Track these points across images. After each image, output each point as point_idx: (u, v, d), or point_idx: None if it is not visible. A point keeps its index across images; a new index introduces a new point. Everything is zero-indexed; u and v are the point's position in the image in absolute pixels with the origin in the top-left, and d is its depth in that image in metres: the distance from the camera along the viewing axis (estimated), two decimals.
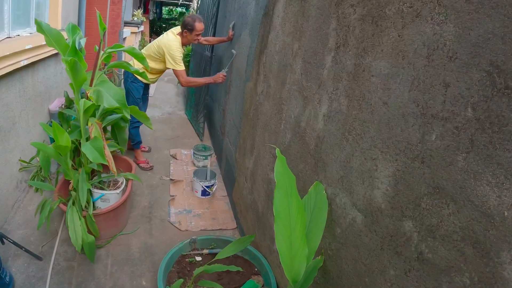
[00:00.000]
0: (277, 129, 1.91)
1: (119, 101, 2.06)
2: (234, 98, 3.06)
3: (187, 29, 3.13)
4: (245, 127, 2.61)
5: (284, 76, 1.85)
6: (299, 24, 1.70)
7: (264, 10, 2.26)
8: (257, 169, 2.25)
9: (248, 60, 2.60)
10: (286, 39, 1.85)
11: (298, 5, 1.72)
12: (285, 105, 1.80)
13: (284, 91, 1.82)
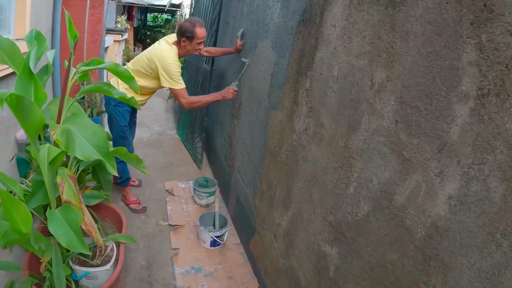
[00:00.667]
0: (339, 191, 1.32)
1: (100, 148, 1.40)
2: (248, 127, 2.42)
3: (186, 36, 2.44)
4: (271, 170, 1.99)
5: (353, 116, 1.25)
6: (384, 41, 1.10)
7: (301, 16, 1.66)
8: (297, 231, 1.65)
9: (274, 81, 1.98)
10: (355, 62, 1.25)
11: (381, 12, 1.12)
12: (357, 160, 1.22)
13: (355, 140, 1.23)
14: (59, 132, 1.40)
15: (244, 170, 2.50)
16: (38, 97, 1.41)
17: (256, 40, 2.34)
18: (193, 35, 2.43)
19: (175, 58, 2.46)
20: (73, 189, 1.53)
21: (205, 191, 2.90)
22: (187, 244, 2.50)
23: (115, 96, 1.65)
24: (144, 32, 11.95)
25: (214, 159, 3.57)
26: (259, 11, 2.28)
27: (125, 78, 1.67)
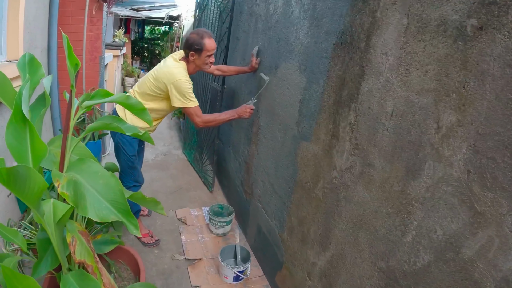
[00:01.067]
0: (393, 238, 1.18)
1: (117, 204, 1.17)
2: (271, 155, 2.23)
3: (194, 49, 2.20)
4: (303, 205, 1.81)
5: (413, 160, 1.09)
6: (454, 80, 0.96)
7: (337, 38, 1.48)
8: (339, 273, 1.48)
9: (304, 109, 1.79)
10: (415, 99, 1.08)
11: (449, 45, 0.96)
12: (417, 208, 1.07)
13: (416, 186, 1.08)
14: (65, 184, 1.20)
15: (266, 200, 2.31)
16: (35, 150, 1.19)
17: (276, 59, 2.15)
18: (202, 47, 2.19)
19: (184, 73, 2.23)
20: (87, 246, 1.32)
21: (222, 220, 2.70)
22: (208, 280, 2.31)
23: (127, 133, 1.44)
24: (141, 45, 11.73)
25: (227, 183, 3.38)
26: (280, 28, 2.09)
27: (137, 111, 1.48)
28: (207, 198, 3.40)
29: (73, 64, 1.31)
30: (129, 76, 7.21)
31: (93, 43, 4.04)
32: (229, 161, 3.28)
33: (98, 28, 4.02)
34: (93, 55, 4.06)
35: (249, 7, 2.75)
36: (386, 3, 1.20)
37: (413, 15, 1.10)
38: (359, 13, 1.33)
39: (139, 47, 11.65)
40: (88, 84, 3.91)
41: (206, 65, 2.30)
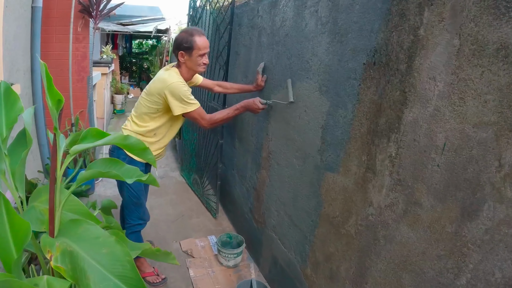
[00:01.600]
0: (445, 280, 1.07)
1: (127, 279, 0.98)
2: (287, 184, 2.07)
3: (184, 49, 2.00)
4: (330, 241, 1.66)
5: (470, 200, 0.99)
6: (503, 107, 0.88)
7: (369, 57, 1.33)
8: None
9: (327, 136, 1.64)
10: (472, 132, 0.96)
11: (511, 73, 0.84)
12: (474, 251, 0.98)
13: (472, 228, 0.98)
14: (59, 256, 1.01)
15: (283, 231, 2.15)
16: (15, 232, 1.00)
17: (288, 78, 2.00)
18: (192, 45, 1.99)
19: (177, 77, 2.04)
20: None
21: (233, 252, 2.53)
22: None
23: (127, 180, 1.23)
24: (129, 60, 11.56)
25: (232, 208, 3.21)
26: (291, 42, 1.94)
27: (139, 151, 1.29)
28: (211, 225, 3.22)
29: (54, 100, 1.10)
30: (118, 94, 7.02)
31: (80, 62, 3.86)
32: (234, 186, 3.11)
33: (84, 46, 3.84)
34: (80, 75, 3.87)
35: (249, 19, 2.60)
36: (431, 20, 1.06)
37: (466, 35, 0.97)
38: (395, 29, 1.19)
39: (127, 62, 11.46)
40: (76, 107, 3.72)
41: (200, 67, 2.08)
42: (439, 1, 1.03)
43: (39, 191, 1.38)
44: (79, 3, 3.51)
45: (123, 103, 7.16)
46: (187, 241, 2.88)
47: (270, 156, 2.30)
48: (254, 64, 2.53)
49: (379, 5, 1.26)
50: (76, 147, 1.20)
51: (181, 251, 2.77)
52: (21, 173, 1.29)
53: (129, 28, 7.37)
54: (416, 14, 1.11)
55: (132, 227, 2.26)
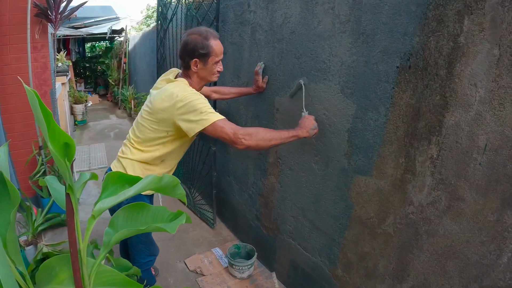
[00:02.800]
0: (488, 262, 1.28)
1: None
2: (307, 190, 2.13)
3: (199, 55, 1.76)
4: (364, 241, 1.79)
5: (508, 192, 1.19)
6: None
7: (402, 61, 1.44)
8: None
9: (355, 140, 1.74)
10: (510, 133, 1.16)
11: None
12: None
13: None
14: None
15: (303, 236, 2.25)
16: None
17: (297, 78, 2.05)
18: (209, 51, 1.76)
19: (189, 88, 1.78)
20: None
21: (247, 264, 2.60)
22: None
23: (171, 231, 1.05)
24: (83, 65, 11.09)
25: (231, 216, 3.27)
26: (300, 41, 1.99)
27: (171, 188, 1.13)
28: (211, 236, 3.26)
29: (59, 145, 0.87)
30: (78, 103, 6.75)
31: (41, 74, 3.65)
32: (232, 193, 3.17)
33: (44, 55, 3.63)
34: (42, 89, 3.67)
35: (237, 15, 2.62)
36: (472, 29, 1.19)
37: (506, 46, 1.12)
38: (433, 34, 1.31)
39: (81, 67, 10.99)
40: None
41: (214, 76, 1.87)
42: (479, 11, 1.16)
43: (49, 266, 1.08)
44: (35, 6, 3.24)
45: (83, 113, 6.89)
46: (192, 258, 2.89)
47: (280, 162, 2.38)
48: (248, 64, 2.56)
49: (413, 8, 1.36)
50: (100, 206, 1.01)
51: (189, 270, 2.78)
52: (14, 240, 0.99)
53: (82, 31, 7.09)
54: (456, 22, 1.23)
55: (142, 265, 2.08)
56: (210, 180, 3.19)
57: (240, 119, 2.79)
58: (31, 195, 3.33)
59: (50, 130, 0.84)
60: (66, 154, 0.89)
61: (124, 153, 1.90)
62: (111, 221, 1.16)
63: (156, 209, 1.20)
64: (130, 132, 1.95)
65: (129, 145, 1.91)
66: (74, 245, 0.97)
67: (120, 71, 8.39)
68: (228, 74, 2.87)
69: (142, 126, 1.85)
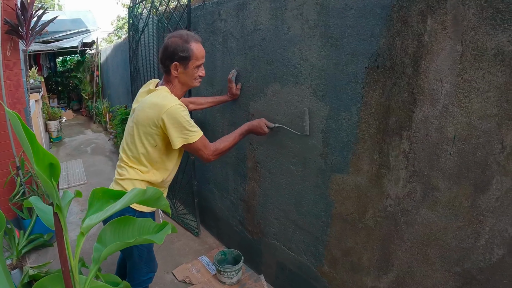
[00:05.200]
0: (467, 245, 1.34)
1: None
2: (287, 191, 2.16)
3: (179, 59, 1.70)
4: (347, 237, 1.82)
5: (481, 178, 1.25)
6: (501, 102, 1.14)
7: (370, 61, 1.49)
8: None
9: (330, 139, 1.77)
10: (478, 124, 1.21)
11: (508, 74, 1.11)
12: (489, 216, 1.26)
13: (485, 199, 1.25)
14: None
15: (288, 237, 2.27)
16: None
17: (271, 84, 2.09)
18: (189, 54, 1.69)
19: (174, 98, 1.71)
20: None
21: (234, 269, 2.59)
22: None
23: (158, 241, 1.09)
24: (55, 80, 10.79)
25: (214, 223, 3.25)
26: (271, 47, 2.02)
27: (155, 200, 1.12)
28: (196, 244, 3.24)
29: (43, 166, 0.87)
30: (52, 120, 6.57)
31: (14, 93, 3.54)
32: (214, 200, 3.16)
33: (16, 73, 3.52)
34: (16, 108, 3.57)
35: (208, 24, 2.63)
36: (435, 27, 1.25)
37: (468, 42, 1.18)
38: (398, 35, 1.36)
39: (53, 83, 10.70)
40: (18, 147, 3.41)
41: (196, 80, 1.81)
42: (441, 11, 1.22)
43: (41, 286, 1.09)
44: (6, 23, 3.16)
45: (58, 129, 6.71)
46: (179, 269, 2.86)
47: (259, 166, 2.40)
48: (222, 72, 2.58)
49: (378, 11, 1.41)
50: (88, 222, 1.00)
51: (178, 281, 2.75)
52: (4, 265, 1.01)
53: (53, 45, 6.91)
54: (419, 22, 1.29)
55: (142, 283, 2.00)
56: (191, 189, 3.17)
57: (216, 127, 2.79)
58: (11, 217, 3.22)
59: (35, 152, 0.85)
60: (52, 174, 0.90)
61: (121, 175, 1.82)
62: (99, 236, 1.16)
63: (142, 221, 1.21)
64: (121, 152, 1.86)
65: (124, 166, 1.82)
66: (65, 263, 0.97)
67: (93, 85, 8.23)
68: (202, 83, 2.85)
69: (131, 143, 1.78)
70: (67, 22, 7.55)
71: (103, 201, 1.12)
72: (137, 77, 3.98)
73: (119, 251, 1.92)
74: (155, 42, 3.36)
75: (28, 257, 2.99)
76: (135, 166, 1.79)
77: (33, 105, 4.13)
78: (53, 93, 10.24)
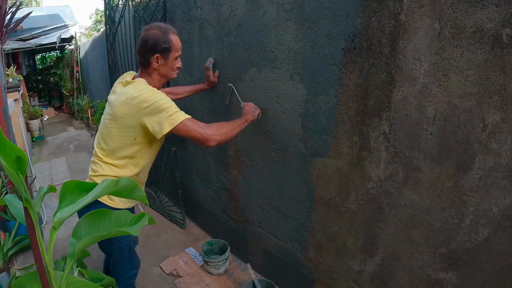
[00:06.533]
0: (451, 226, 1.32)
1: None
2: (269, 178, 2.10)
3: (161, 50, 1.64)
4: (330, 222, 1.78)
5: (463, 157, 1.22)
6: (495, 83, 1.09)
7: (347, 43, 1.44)
8: (393, 271, 1.57)
9: (310, 123, 1.72)
10: (458, 102, 1.17)
11: (487, 52, 1.08)
12: (472, 196, 1.23)
13: (468, 179, 1.23)
14: None
15: (272, 225, 2.23)
16: None
17: (248, 70, 2.02)
18: (170, 45, 1.65)
19: (149, 87, 1.63)
20: None
21: (221, 259, 2.54)
22: None
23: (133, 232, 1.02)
24: (35, 78, 10.43)
25: (199, 214, 3.19)
26: (247, 32, 1.95)
27: (129, 191, 1.06)
28: (183, 236, 3.18)
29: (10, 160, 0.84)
30: (33, 119, 6.35)
31: None
32: (197, 191, 3.09)
33: None
34: None
35: (184, 12, 2.54)
36: (411, 6, 1.20)
37: (446, 20, 1.14)
38: (375, 15, 1.31)
39: (33, 81, 10.34)
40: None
41: (174, 72, 1.76)
42: None
43: (19, 285, 1.06)
44: None
45: (40, 128, 6.50)
46: (167, 261, 2.80)
47: (239, 154, 2.34)
48: (199, 60, 2.49)
49: None
50: (59, 216, 0.96)
51: (165, 274, 2.68)
52: None
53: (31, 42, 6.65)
54: (396, 1, 1.24)
55: (127, 280, 1.94)
56: (174, 181, 3.10)
57: (196, 115, 2.68)
58: None
59: (1, 146, 0.81)
60: (19, 167, 0.86)
61: (95, 171, 1.73)
62: (74, 230, 1.11)
63: (118, 213, 1.14)
64: (96, 146, 1.76)
65: (98, 161, 1.73)
66: (39, 259, 0.94)
67: (73, 81, 7.99)
68: (180, 73, 2.73)
69: (107, 136, 1.68)
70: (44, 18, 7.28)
71: (75, 194, 1.07)
72: (115, 70, 3.86)
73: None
74: (132, 33, 3.25)
75: (15, 259, 2.88)
76: (110, 161, 1.70)
77: (12, 104, 3.97)
78: (33, 91, 9.92)
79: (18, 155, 0.83)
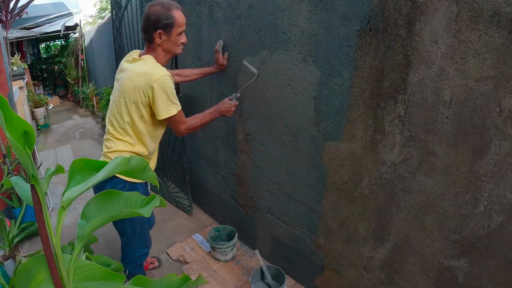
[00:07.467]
0: (465, 212, 1.30)
1: None
2: (279, 162, 2.09)
3: (163, 26, 1.68)
4: (342, 207, 1.77)
5: (478, 142, 1.20)
6: (499, 64, 1.09)
7: (362, 24, 1.40)
8: (405, 258, 1.56)
9: (323, 106, 1.70)
10: (475, 86, 1.15)
11: (504, 36, 1.07)
12: (487, 182, 1.21)
13: (484, 164, 1.20)
14: None
15: (281, 210, 2.23)
16: None
17: (259, 52, 1.99)
18: (172, 21, 1.68)
19: (161, 67, 1.71)
20: None
21: (228, 245, 2.55)
22: None
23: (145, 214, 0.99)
24: (39, 67, 10.39)
25: (207, 200, 3.20)
26: (259, 14, 1.92)
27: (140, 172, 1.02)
28: (189, 223, 3.19)
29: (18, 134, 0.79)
30: (38, 107, 6.36)
31: None
32: (205, 177, 3.09)
33: None
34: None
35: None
36: None
37: (463, 2, 1.12)
38: None
39: (38, 70, 10.34)
40: (3, 136, 3.27)
41: (178, 48, 1.79)
42: None
43: (25, 270, 1.00)
44: None
45: (45, 116, 6.51)
46: (173, 248, 2.81)
47: (249, 138, 2.32)
48: (208, 43, 2.46)
49: None
50: (68, 195, 0.91)
51: (173, 260, 2.70)
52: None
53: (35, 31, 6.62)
54: None
55: (136, 259, 1.99)
56: (182, 166, 3.10)
57: (204, 100, 2.70)
58: (1, 207, 3.12)
59: (7, 119, 0.75)
60: (26, 142, 0.81)
61: (109, 147, 1.79)
62: (82, 212, 1.08)
63: (129, 195, 1.12)
64: (108, 124, 1.83)
65: (111, 138, 1.80)
66: (46, 241, 0.88)
67: (78, 69, 7.98)
68: (188, 56, 2.76)
69: (118, 113, 1.75)
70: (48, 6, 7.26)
71: (85, 173, 1.04)
72: (122, 55, 3.83)
73: None
74: (139, 18, 3.21)
75: (21, 246, 2.90)
76: (122, 137, 1.77)
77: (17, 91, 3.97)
78: (38, 80, 9.92)
79: (26, 129, 0.79)
